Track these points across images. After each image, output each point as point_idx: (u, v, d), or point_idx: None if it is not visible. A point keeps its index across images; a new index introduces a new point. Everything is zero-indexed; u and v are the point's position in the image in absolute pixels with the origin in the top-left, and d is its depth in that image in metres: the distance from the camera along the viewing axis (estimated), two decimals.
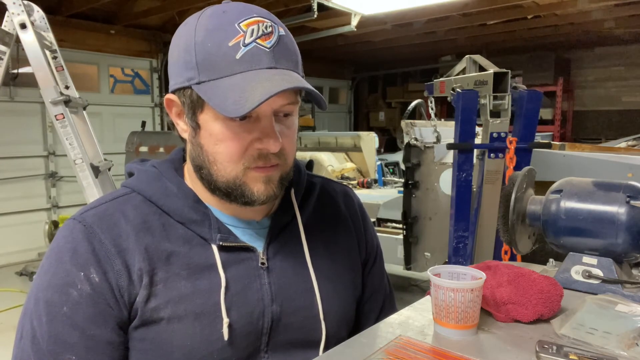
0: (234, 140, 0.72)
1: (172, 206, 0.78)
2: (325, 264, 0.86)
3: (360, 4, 4.02)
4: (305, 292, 0.82)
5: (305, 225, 0.86)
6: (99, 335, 0.71)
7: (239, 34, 0.69)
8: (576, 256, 0.91)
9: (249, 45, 0.69)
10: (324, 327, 0.82)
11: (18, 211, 5.12)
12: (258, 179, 0.75)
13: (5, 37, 2.61)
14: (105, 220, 0.75)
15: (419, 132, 2.89)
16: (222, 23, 0.70)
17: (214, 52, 0.70)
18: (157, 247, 0.75)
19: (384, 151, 6.80)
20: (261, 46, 0.70)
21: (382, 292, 0.98)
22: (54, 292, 0.72)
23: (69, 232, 0.75)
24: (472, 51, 2.63)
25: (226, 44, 0.69)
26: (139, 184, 0.81)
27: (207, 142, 0.74)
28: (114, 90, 6.07)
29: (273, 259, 0.81)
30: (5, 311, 3.68)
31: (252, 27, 0.70)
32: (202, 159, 0.76)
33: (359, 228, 0.95)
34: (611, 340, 0.68)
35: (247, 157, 0.73)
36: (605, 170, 2.18)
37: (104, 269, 0.72)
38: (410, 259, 2.92)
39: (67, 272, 0.72)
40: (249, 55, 0.69)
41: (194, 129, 0.76)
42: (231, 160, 0.73)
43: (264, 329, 0.78)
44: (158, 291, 0.73)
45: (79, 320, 0.71)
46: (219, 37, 0.69)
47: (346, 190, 0.99)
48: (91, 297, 0.71)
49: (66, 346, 0.70)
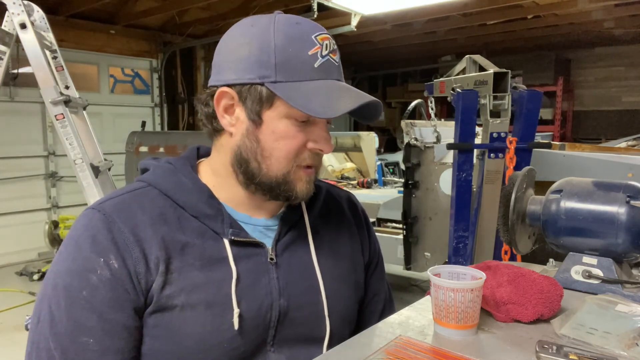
0: (294, 139, 0.78)
1: (186, 200, 0.81)
2: (330, 264, 0.89)
3: (360, 4, 4.02)
4: (311, 289, 0.85)
5: (311, 225, 0.90)
6: (116, 319, 0.73)
7: (316, 46, 0.77)
8: (576, 256, 0.91)
9: (325, 57, 0.78)
10: (328, 324, 0.85)
11: (18, 211, 5.13)
12: (302, 178, 0.81)
13: (5, 37, 2.61)
14: (124, 210, 0.78)
15: (419, 132, 2.89)
16: (301, 33, 0.77)
17: (294, 56, 0.76)
18: (172, 237, 0.78)
19: (384, 151, 6.80)
20: (333, 60, 0.79)
21: (383, 296, 1.02)
22: (73, 278, 0.74)
23: (88, 221, 0.77)
24: (472, 51, 2.62)
25: (306, 52, 0.76)
26: (155, 179, 0.84)
27: (268, 137, 0.79)
28: (114, 90, 6.07)
29: (281, 255, 0.85)
30: (5, 311, 3.68)
31: (326, 42, 0.78)
32: (256, 152, 0.80)
33: (363, 232, 1.00)
34: (611, 340, 0.68)
35: (300, 156, 0.80)
36: (605, 170, 2.18)
37: (123, 255, 0.75)
38: (410, 259, 2.92)
39: (87, 258, 0.74)
40: (325, 66, 0.78)
41: (255, 123, 0.79)
42: (287, 156, 0.79)
43: (271, 322, 0.80)
44: (173, 279, 0.76)
45: (97, 304, 0.73)
46: (299, 45, 0.77)
47: (350, 196, 1.04)
48: (110, 282, 0.74)
49: (84, 329, 0.72)
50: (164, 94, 6.47)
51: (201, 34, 6.23)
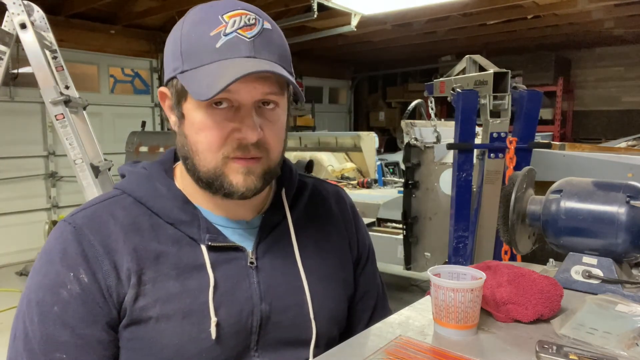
0: (214, 129, 0.73)
1: (161, 207, 0.79)
2: (316, 263, 0.87)
3: (360, 4, 4.02)
4: (295, 290, 0.83)
5: (295, 224, 0.87)
6: (89, 334, 0.72)
7: (220, 25, 0.71)
8: (576, 256, 0.91)
9: (230, 35, 0.71)
10: (314, 326, 0.82)
11: (18, 211, 5.12)
12: (237, 170, 0.75)
13: (5, 37, 2.61)
14: (95, 222, 0.77)
15: (419, 132, 2.89)
16: (207, 15, 0.72)
17: (196, 41, 0.72)
18: (145, 247, 0.76)
19: (384, 151, 6.79)
20: (242, 36, 0.71)
21: (374, 292, 0.98)
22: (45, 293, 0.73)
23: (59, 234, 0.77)
24: (472, 51, 2.62)
25: (208, 34, 0.71)
26: (129, 186, 0.82)
27: (190, 131, 0.75)
28: (114, 90, 6.07)
29: (262, 258, 0.82)
30: (5, 311, 3.68)
31: (235, 18, 0.71)
32: (187, 149, 0.77)
33: (350, 228, 0.96)
34: (611, 340, 0.68)
35: (227, 146, 0.74)
36: (605, 170, 2.18)
37: (93, 269, 0.73)
38: (410, 259, 2.92)
39: (57, 272, 0.73)
40: (229, 45, 0.71)
41: (179, 118, 0.77)
42: (210, 149, 0.74)
43: (253, 328, 0.78)
44: (147, 291, 0.74)
45: (69, 319, 0.72)
46: (202, 28, 0.72)
47: (338, 191, 0.99)
48: (81, 297, 0.72)
49: (57, 345, 0.71)
50: None
51: None
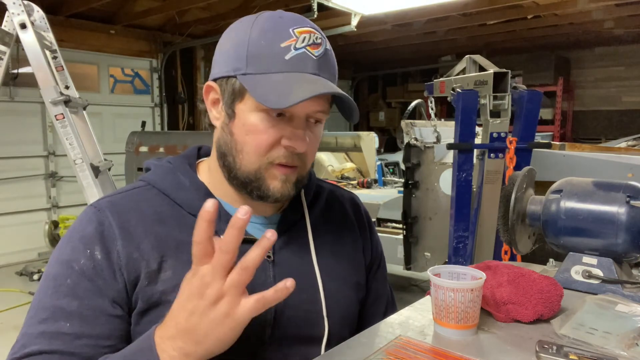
0: (265, 133, 0.76)
1: (184, 198, 0.82)
2: (330, 264, 0.89)
3: (360, 4, 4.02)
4: (310, 288, 0.84)
5: (312, 225, 0.89)
6: (96, 305, 0.75)
7: (291, 38, 0.75)
8: (576, 256, 0.91)
9: (299, 50, 0.75)
10: (326, 324, 0.84)
11: (18, 211, 5.12)
12: (277, 176, 0.79)
13: (5, 37, 2.62)
14: (118, 207, 0.81)
15: (419, 132, 2.89)
16: (278, 26, 0.76)
17: (265, 49, 0.75)
18: (167, 235, 0.79)
19: (384, 151, 6.80)
20: (310, 53, 0.76)
21: (385, 297, 1.01)
22: (60, 267, 0.77)
23: (84, 215, 0.81)
24: (472, 51, 2.62)
25: (278, 44, 0.75)
26: (154, 178, 0.86)
27: (239, 130, 0.78)
28: (114, 90, 6.07)
29: (279, 253, 0.84)
30: (5, 311, 3.68)
31: (305, 35, 0.76)
32: (230, 146, 0.80)
33: (365, 233, 0.99)
34: (611, 340, 0.68)
35: (273, 152, 0.78)
36: (605, 170, 2.18)
37: (108, 249, 0.76)
38: (410, 259, 2.92)
39: (74, 248, 0.77)
40: (298, 59, 0.75)
41: (229, 116, 0.80)
42: (257, 152, 0.77)
43: (267, 321, 0.80)
44: (166, 277, 0.77)
45: (79, 291, 0.75)
46: (272, 37, 0.75)
47: (353, 197, 1.03)
48: (92, 272, 0.76)
49: (65, 314, 0.74)
50: (164, 94, 6.47)
51: (201, 34, 6.23)
